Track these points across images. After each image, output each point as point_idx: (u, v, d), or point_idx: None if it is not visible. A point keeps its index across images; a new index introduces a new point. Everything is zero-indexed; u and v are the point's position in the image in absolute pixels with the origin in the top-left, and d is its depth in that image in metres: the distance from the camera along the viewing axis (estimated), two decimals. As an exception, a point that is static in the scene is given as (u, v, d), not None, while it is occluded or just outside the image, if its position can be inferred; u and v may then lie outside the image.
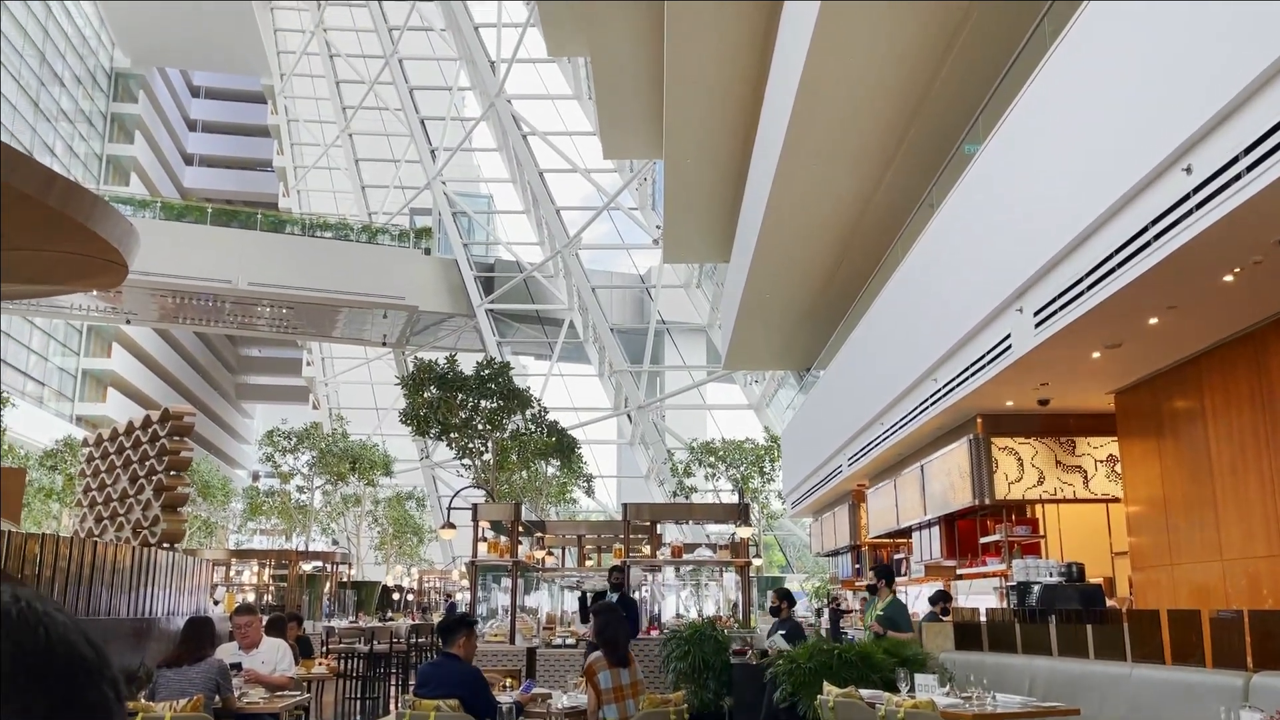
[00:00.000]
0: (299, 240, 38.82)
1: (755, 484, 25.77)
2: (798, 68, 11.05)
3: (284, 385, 78.24)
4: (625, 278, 39.66)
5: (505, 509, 12.13)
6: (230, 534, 37.70)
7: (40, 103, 49.12)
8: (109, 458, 13.94)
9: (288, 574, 21.90)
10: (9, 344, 45.41)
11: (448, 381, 21.79)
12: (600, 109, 21.19)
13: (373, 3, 44.41)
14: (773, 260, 16.10)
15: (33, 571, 5.17)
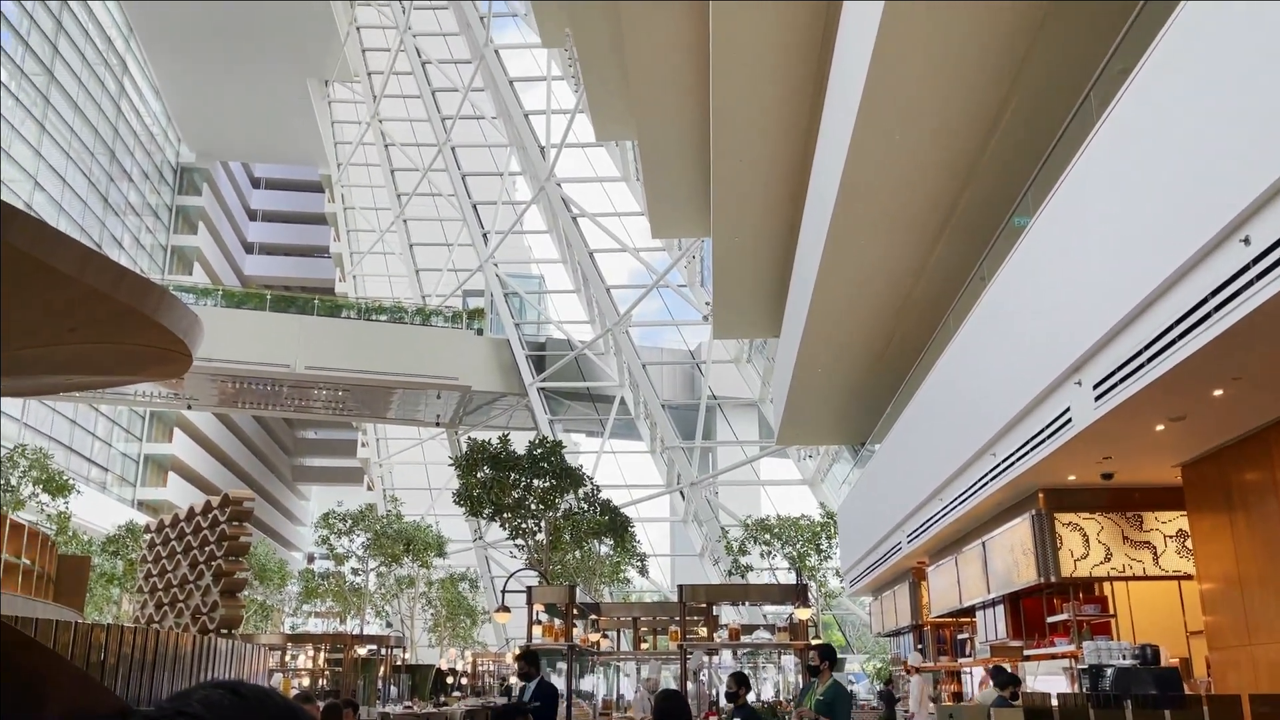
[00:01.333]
0: (355, 324, 39.65)
1: (812, 561, 25.31)
2: (844, 143, 11.16)
3: (339, 467, 79.06)
4: (675, 354, 39.77)
5: (560, 592, 12.04)
6: (286, 617, 37.79)
7: (109, 197, 51.17)
8: (170, 543, 14.14)
9: (343, 658, 21.84)
10: (76, 431, 46.60)
11: (501, 461, 21.89)
12: (648, 190, 21.53)
13: (426, 93, 45.86)
14: (824, 334, 16.05)
15: (98, 659, 5.23)
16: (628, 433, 39.55)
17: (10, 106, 40.18)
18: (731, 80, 14.40)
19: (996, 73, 9.90)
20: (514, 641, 30.86)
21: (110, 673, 5.34)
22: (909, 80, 9.95)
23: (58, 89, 44.65)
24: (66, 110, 45.66)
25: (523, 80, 41.05)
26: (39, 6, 43.04)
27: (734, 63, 14.04)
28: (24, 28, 41.63)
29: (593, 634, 13.91)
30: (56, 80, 44.50)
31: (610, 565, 25.36)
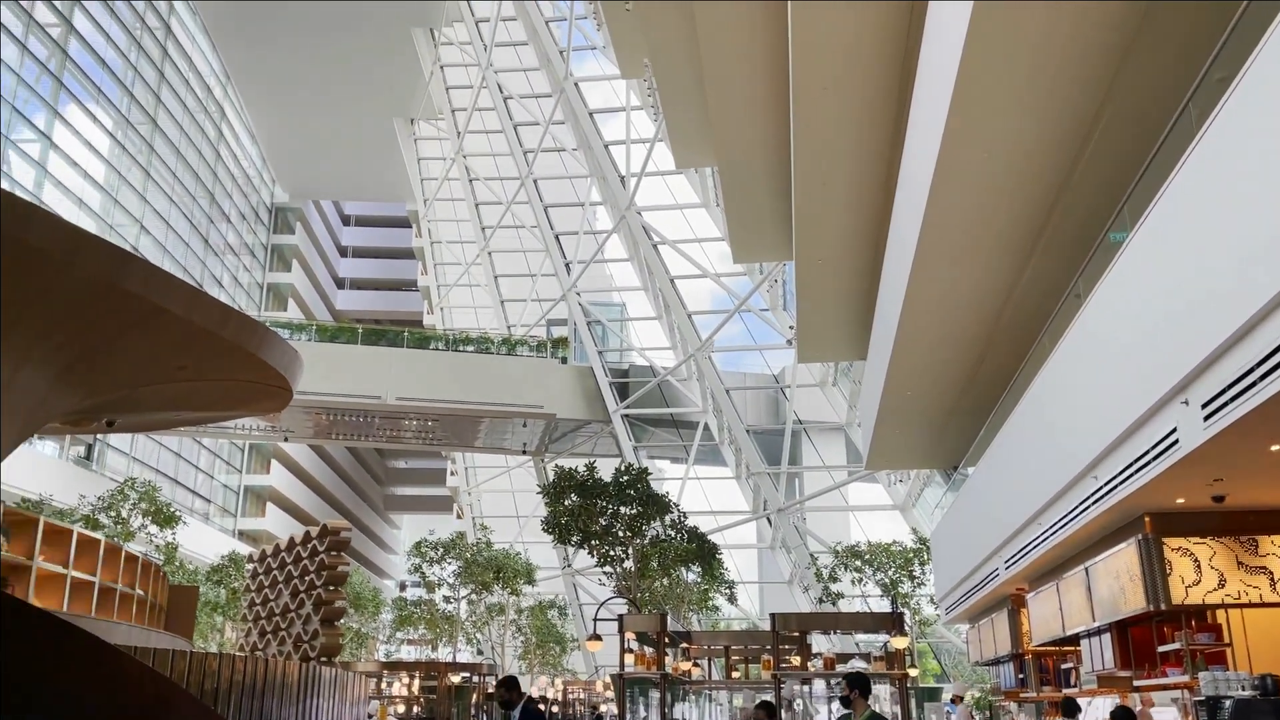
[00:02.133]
0: (443, 355, 40.43)
1: (905, 588, 24.76)
2: (930, 162, 11.01)
3: (429, 495, 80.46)
4: (759, 378, 39.54)
5: (651, 620, 12.02)
6: (380, 644, 38.46)
7: (210, 238, 53.30)
8: (271, 573, 14.55)
9: (437, 685, 22.10)
10: (180, 464, 48.38)
11: (587, 489, 21.98)
12: (729, 215, 21.55)
13: (508, 128, 46.76)
14: (912, 356, 15.79)
15: (212, 685, 5.40)
16: (712, 459, 39.40)
17: (118, 155, 42.21)
18: (812, 102, 14.35)
19: (1089, 82, 9.68)
20: (604, 669, 30.87)
21: (223, 699, 5.50)
22: (997, 94, 9.78)
23: (161, 137, 46.77)
24: (170, 156, 47.78)
25: (602, 111, 41.58)
26: (142, 58, 45.22)
27: (814, 85, 14.00)
28: (129, 79, 43.78)
29: (684, 662, 13.83)
30: (160, 128, 46.63)
31: (698, 592, 25.20)
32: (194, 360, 7.64)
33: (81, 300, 6.42)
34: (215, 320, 7.21)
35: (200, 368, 7.79)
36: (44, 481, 25.69)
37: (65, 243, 6.00)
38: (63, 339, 6.75)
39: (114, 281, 6.30)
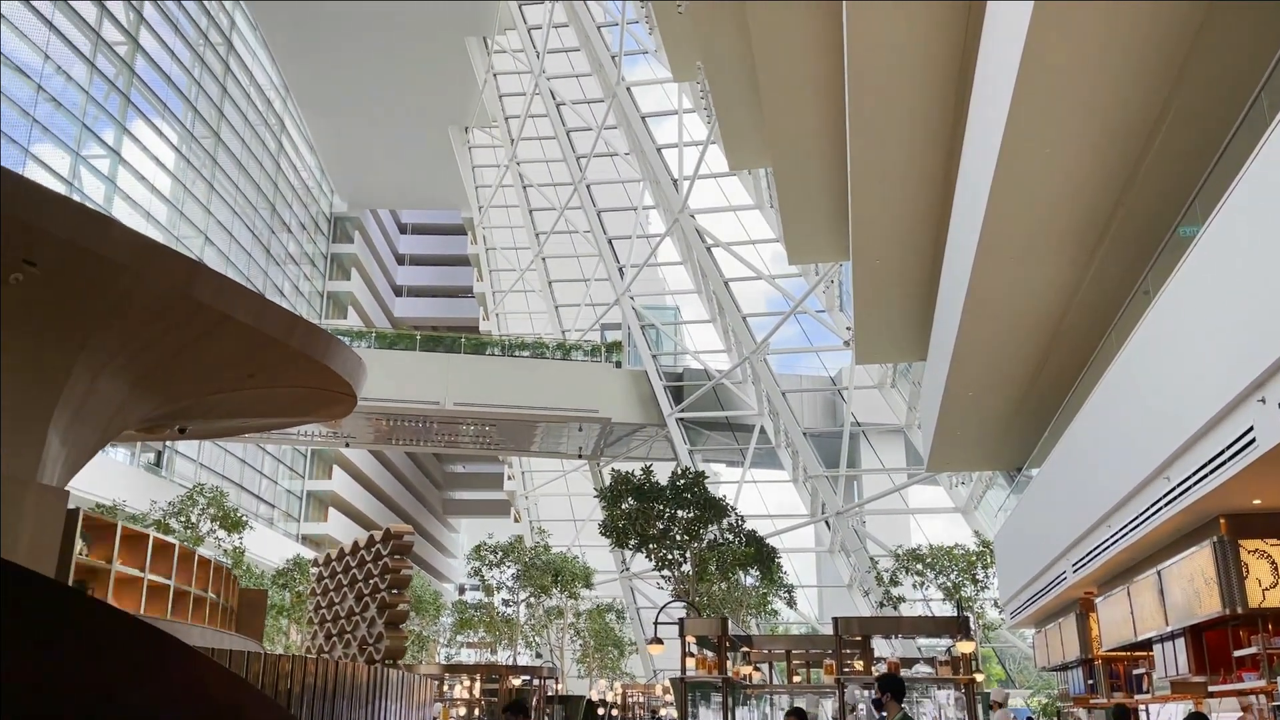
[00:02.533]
0: (499, 361, 40.81)
1: (968, 592, 24.38)
2: (992, 159, 10.85)
3: (487, 500, 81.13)
4: (815, 380, 39.24)
5: (712, 624, 11.98)
6: (440, 647, 38.87)
7: (271, 248, 54.41)
8: (336, 576, 14.79)
9: (498, 688, 22.26)
10: (246, 470, 49.42)
11: (644, 492, 22.01)
12: (783, 216, 21.44)
13: (561, 134, 47.05)
14: (974, 357, 15.55)
15: (285, 687, 5.49)
16: (769, 462, 39.18)
17: (183, 169, 43.29)
18: (868, 100, 14.22)
19: (1155, 74, 9.46)
20: (662, 673, 30.84)
21: (295, 701, 5.60)
22: (1060, 88, 9.60)
23: (224, 149, 47.88)
24: (232, 168, 48.89)
25: (655, 115, 41.64)
26: (205, 74, 46.33)
27: (870, 82, 13.88)
28: (193, 94, 44.88)
29: (744, 666, 13.76)
30: (223, 141, 47.73)
31: (757, 596, 25.07)
32: (262, 368, 7.80)
33: (155, 310, 6.60)
34: (282, 328, 7.36)
35: (268, 375, 7.96)
36: (117, 488, 26.41)
37: (139, 254, 6.17)
38: (138, 348, 6.94)
39: (186, 291, 6.47)
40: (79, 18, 34.33)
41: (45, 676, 3.88)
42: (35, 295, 5.93)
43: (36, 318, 6.14)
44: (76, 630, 4.10)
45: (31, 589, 4.05)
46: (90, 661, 4.14)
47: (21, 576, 4.02)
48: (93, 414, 7.14)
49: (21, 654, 3.79)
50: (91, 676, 4.12)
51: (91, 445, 7.43)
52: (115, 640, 4.25)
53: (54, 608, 4.07)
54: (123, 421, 7.78)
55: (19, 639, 3.81)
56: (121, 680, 4.27)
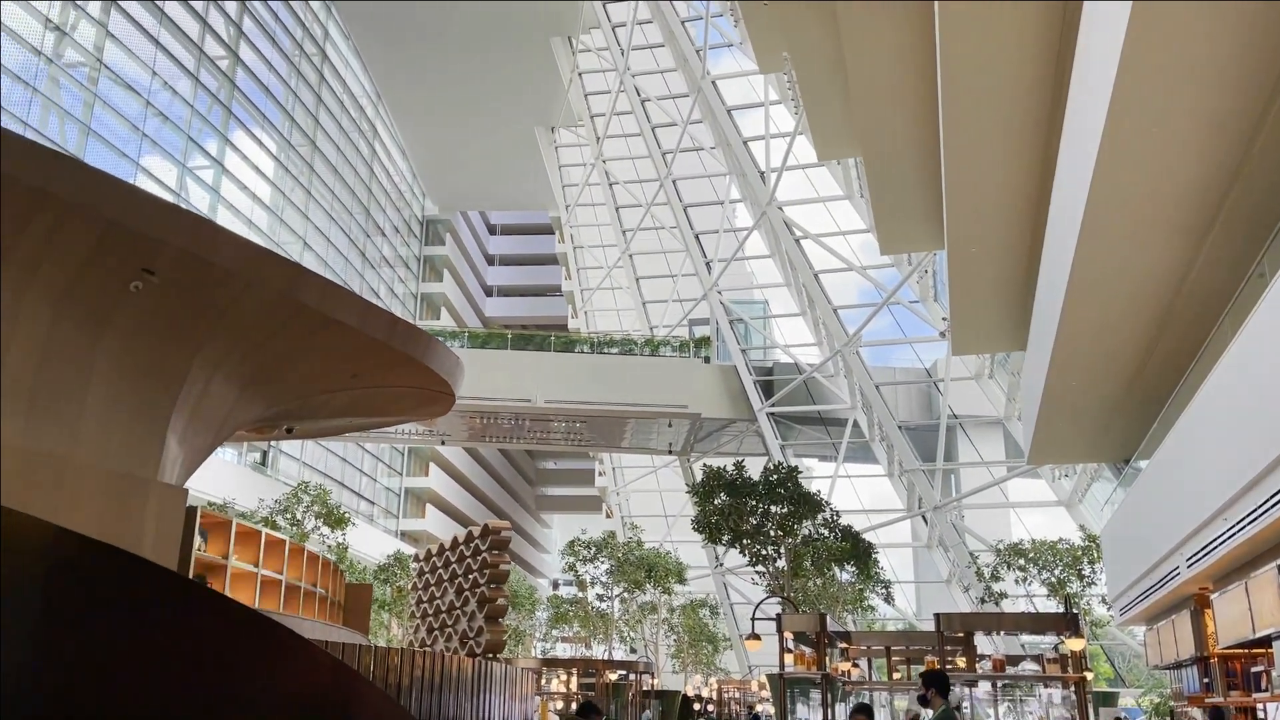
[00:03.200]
0: (588, 358, 41.13)
1: (1074, 588, 23.64)
2: (1094, 142, 10.47)
3: (579, 495, 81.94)
4: (910, 372, 38.52)
5: (810, 620, 11.87)
6: (535, 641, 39.40)
7: (366, 252, 55.85)
8: (436, 571, 15.11)
9: (595, 682, 22.45)
10: (346, 468, 50.86)
11: (737, 488, 21.92)
12: (874, 206, 21.06)
13: (647, 130, 47.13)
14: (1077, 345, 15.04)
15: (395, 680, 5.63)
16: (862, 456, 38.62)
17: (281, 176, 44.74)
18: (961, 84, 13.86)
19: (1273, 44, 9.00)
20: (758, 669, 30.71)
21: (404, 693, 5.73)
22: (1167, 63, 9.20)
23: (320, 157, 49.31)
24: (328, 175, 50.33)
25: (740, 108, 41.39)
26: (302, 83, 47.77)
27: (964, 66, 13.53)
28: (289, 104, 46.32)
29: (843, 663, 13.60)
30: (319, 149, 49.16)
31: (853, 592, 24.76)
32: (365, 368, 8.01)
33: (264, 314, 6.83)
34: (384, 330, 7.54)
35: (371, 375, 8.17)
36: (226, 486, 27.46)
37: (250, 261, 6.39)
38: (248, 350, 7.19)
39: (293, 295, 6.68)
40: (183, 34, 35.74)
41: (175, 665, 4.06)
42: (154, 303, 6.19)
43: (155, 324, 6.41)
44: (204, 623, 4.26)
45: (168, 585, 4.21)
46: (215, 652, 4.31)
47: (157, 573, 4.19)
48: (207, 416, 7.43)
49: (155, 645, 3.97)
50: (216, 666, 4.29)
51: (206, 446, 7.73)
52: (234, 631, 4.41)
53: (186, 602, 4.24)
54: (234, 423, 8.07)
55: (153, 631, 3.98)
56: (243, 669, 4.44)
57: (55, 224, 5.49)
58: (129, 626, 3.80)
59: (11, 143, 5.27)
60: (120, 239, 5.68)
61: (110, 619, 3.77)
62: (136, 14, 32.73)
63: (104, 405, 6.36)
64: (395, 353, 7.74)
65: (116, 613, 3.79)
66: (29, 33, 27.35)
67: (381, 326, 7.50)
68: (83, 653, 3.69)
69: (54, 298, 5.96)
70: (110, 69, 31.34)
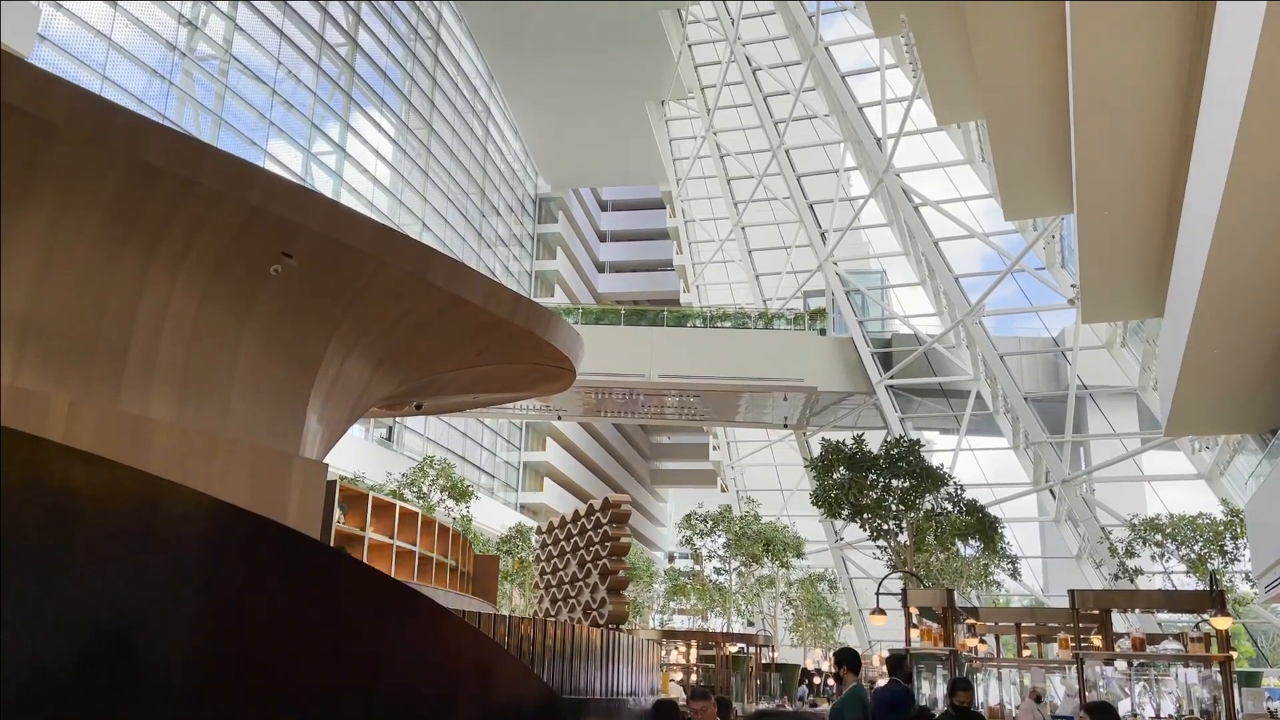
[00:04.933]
0: (701, 332, 41.07)
1: (1215, 564, 22.56)
2: (1241, 91, 9.85)
3: (693, 469, 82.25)
4: (1036, 342, 37.21)
5: (937, 595, 11.65)
6: (653, 613, 39.84)
7: (482, 232, 56.97)
8: (559, 544, 15.42)
9: (714, 655, 22.58)
10: (467, 443, 52.25)
11: (856, 462, 21.63)
12: (999, 170, 20.33)
13: (758, 100, 46.56)
14: (1221, 310, 14.23)
15: (528, 649, 5.78)
16: (986, 428, 37.55)
17: (400, 159, 45.95)
18: (1093, 39, 13.20)
19: None
20: (879, 644, 30.37)
21: (536, 660, 5.88)
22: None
23: (436, 139, 50.43)
24: (444, 157, 51.44)
25: (855, 74, 40.47)
26: (417, 67, 48.85)
27: (1097, 23, 12.89)
28: (406, 87, 47.45)
29: (970, 639, 13.31)
30: (435, 131, 50.27)
31: (978, 567, 24.18)
32: (490, 345, 8.19)
33: (395, 294, 7.05)
34: (508, 308, 7.69)
35: (496, 352, 8.35)
36: (355, 460, 28.53)
37: (381, 243, 6.60)
38: (380, 330, 7.43)
39: (422, 275, 6.86)
40: (304, 23, 36.95)
41: (328, 631, 4.25)
42: (293, 286, 6.46)
43: (295, 306, 6.69)
44: (355, 594, 4.45)
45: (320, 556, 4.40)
46: (364, 620, 4.49)
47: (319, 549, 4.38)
48: (342, 393, 7.72)
49: (308, 612, 4.17)
50: (365, 633, 4.48)
51: (342, 422, 8.04)
52: (385, 602, 4.59)
53: (337, 573, 4.43)
54: (368, 400, 8.36)
55: (307, 599, 4.19)
56: (390, 637, 4.62)
57: (203, 212, 5.77)
58: (286, 595, 4.01)
59: (161, 136, 5.56)
60: (262, 225, 5.93)
61: (267, 586, 3.98)
62: (262, 6, 33.99)
63: (249, 384, 6.68)
64: (518, 330, 7.88)
65: (273, 580, 4.00)
66: (164, 28, 28.71)
67: (505, 304, 7.64)
68: (241, 617, 3.91)
69: (202, 283, 6.28)
70: (239, 60, 32.67)
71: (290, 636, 4.08)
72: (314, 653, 4.17)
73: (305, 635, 4.14)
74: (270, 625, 4.00)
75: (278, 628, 4.03)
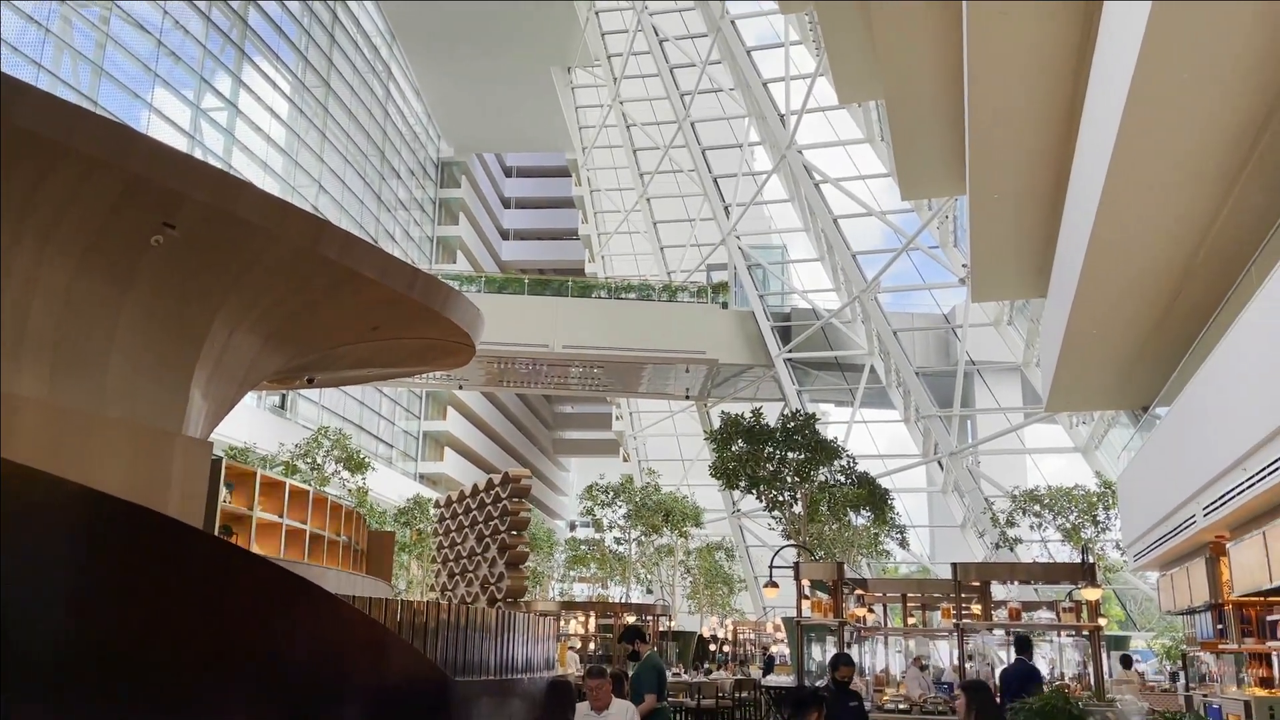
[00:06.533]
0: (606, 303, 41.04)
1: (1088, 534, 23.74)
2: (1124, 85, 10.25)
3: (596, 439, 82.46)
4: (928, 318, 38.34)
5: (828, 568, 11.97)
6: (553, 583, 39.96)
7: (382, 195, 55.64)
8: (457, 518, 15.31)
9: (613, 624, 22.79)
10: (365, 411, 51.27)
11: (754, 435, 21.98)
12: (896, 150, 20.79)
13: (665, 71, 46.47)
14: (1099, 293, 14.90)
15: (420, 629, 5.74)
16: (879, 401, 38.62)
17: (296, 118, 44.44)
18: (986, 31, 13.57)
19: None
20: (773, 610, 31.10)
21: (432, 640, 5.84)
22: (1201, 5, 8.97)
23: (334, 98, 48.90)
24: (343, 117, 49.96)
25: (760, 48, 40.71)
26: (315, 23, 47.21)
27: (990, 9, 13.23)
28: (303, 44, 45.84)
29: (858, 609, 13.74)
30: (333, 90, 48.73)
31: (869, 537, 24.93)
32: (386, 321, 8.03)
33: (286, 268, 6.84)
34: (405, 283, 7.54)
35: (391, 327, 8.19)
36: (245, 430, 27.69)
37: (271, 215, 6.38)
38: (270, 304, 7.21)
39: (314, 249, 6.67)
40: (194, -27, 35.33)
41: (210, 624, 4.13)
42: (177, 257, 6.20)
43: (179, 279, 6.43)
44: (239, 583, 4.33)
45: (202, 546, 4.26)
46: (250, 611, 4.38)
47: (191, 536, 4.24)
48: (230, 369, 7.47)
49: (189, 605, 4.05)
50: (251, 624, 4.37)
51: (229, 398, 7.80)
52: (267, 591, 4.48)
53: (219, 564, 4.30)
54: (257, 374, 8.12)
55: (187, 591, 4.06)
56: (276, 626, 4.52)
57: (78, 180, 5.48)
58: (167, 588, 3.88)
59: (31, 97, 5.25)
60: (143, 194, 5.67)
61: (141, 580, 3.85)
62: (148, -47, 32.34)
63: (129, 360, 6.41)
64: (416, 305, 7.74)
65: (152, 573, 3.87)
66: (41, -27, 27.10)
67: (402, 279, 7.49)
68: (114, 611, 3.77)
69: (77, 253, 5.98)
70: (121, 8, 31.04)
71: (172, 629, 3.96)
72: (197, 644, 4.06)
73: (188, 627, 4.03)
74: (150, 619, 3.88)
75: (158, 621, 3.90)
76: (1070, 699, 8.98)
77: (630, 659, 8.97)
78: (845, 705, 8.42)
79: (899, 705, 10.57)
